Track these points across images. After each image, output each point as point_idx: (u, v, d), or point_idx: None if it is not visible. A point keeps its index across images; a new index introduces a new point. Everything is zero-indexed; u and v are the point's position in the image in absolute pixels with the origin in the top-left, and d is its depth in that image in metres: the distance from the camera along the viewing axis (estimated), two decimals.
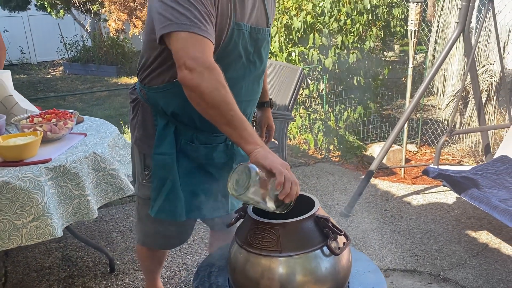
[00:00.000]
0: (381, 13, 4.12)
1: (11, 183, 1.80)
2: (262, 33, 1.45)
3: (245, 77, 1.46)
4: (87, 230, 2.94)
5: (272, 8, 1.55)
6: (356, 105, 4.33)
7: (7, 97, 2.51)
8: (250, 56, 1.42)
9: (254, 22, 1.41)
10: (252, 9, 1.40)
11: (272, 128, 1.85)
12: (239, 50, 1.37)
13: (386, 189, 3.57)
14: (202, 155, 1.53)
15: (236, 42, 1.35)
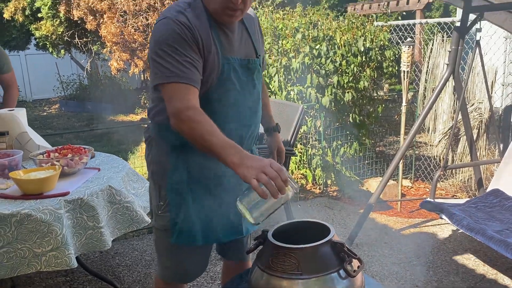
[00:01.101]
0: (374, 55, 4.35)
1: (32, 215, 1.88)
2: (252, 63, 1.62)
3: (241, 104, 1.61)
4: (93, 264, 2.97)
5: (260, 41, 1.72)
6: (352, 141, 4.48)
7: (22, 134, 2.61)
8: (243, 84, 1.59)
9: (243, 55, 1.59)
10: (239, 44, 1.59)
11: (282, 151, 1.98)
12: (232, 80, 1.55)
13: (384, 223, 3.67)
14: (212, 181, 1.63)
15: (228, 73, 1.53)
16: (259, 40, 1.71)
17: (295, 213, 3.56)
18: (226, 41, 1.54)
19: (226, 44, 1.54)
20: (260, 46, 1.71)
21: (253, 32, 1.67)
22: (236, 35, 1.59)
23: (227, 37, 1.55)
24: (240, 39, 1.60)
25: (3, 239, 1.87)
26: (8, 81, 3.29)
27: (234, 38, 1.57)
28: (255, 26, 1.70)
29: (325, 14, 5.04)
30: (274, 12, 4.97)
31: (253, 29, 1.68)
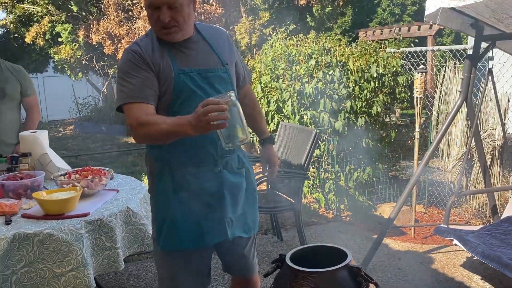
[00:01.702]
0: (387, 81, 4.40)
1: (54, 235, 1.93)
2: (212, 71, 1.78)
3: None
4: (108, 285, 3.00)
5: (229, 52, 1.87)
6: (365, 166, 4.50)
7: (43, 155, 2.69)
8: (205, 92, 1.73)
9: (202, 65, 1.77)
10: (198, 57, 1.78)
11: (273, 163, 2.08)
12: (190, 87, 1.72)
13: (398, 249, 3.65)
14: (195, 187, 1.75)
15: (185, 82, 1.71)
16: (227, 51, 1.87)
17: (308, 238, 3.57)
18: (181, 56, 1.76)
19: (181, 58, 1.75)
20: (229, 56, 1.87)
21: (218, 45, 1.85)
22: (194, 50, 1.79)
23: (182, 52, 1.76)
24: (199, 53, 1.80)
25: (25, 259, 1.92)
26: (31, 104, 3.40)
27: (191, 52, 1.78)
28: (222, 40, 1.89)
29: (338, 41, 5.13)
30: (288, 39, 5.07)
31: (219, 42, 1.87)
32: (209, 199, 1.76)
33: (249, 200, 1.90)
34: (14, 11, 8.55)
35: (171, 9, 1.66)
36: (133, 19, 6.71)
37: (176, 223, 1.75)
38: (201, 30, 1.86)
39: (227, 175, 1.79)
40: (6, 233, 1.89)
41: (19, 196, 2.27)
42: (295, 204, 3.24)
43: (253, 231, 1.94)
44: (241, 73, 1.96)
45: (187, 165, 1.75)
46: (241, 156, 1.90)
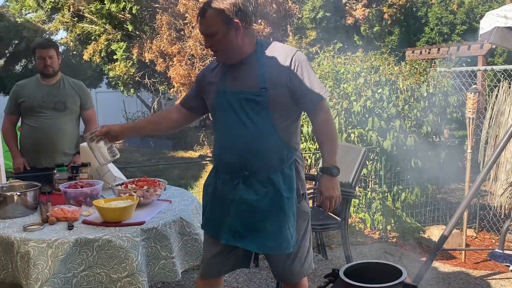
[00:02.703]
0: (437, 101, 4.33)
1: (112, 241, 2.02)
2: (244, 93, 1.91)
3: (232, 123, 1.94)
4: None
5: (283, 72, 1.90)
6: (414, 186, 4.41)
7: (101, 165, 2.82)
8: (236, 110, 1.92)
9: (239, 87, 1.92)
10: (240, 76, 1.94)
11: (325, 197, 1.97)
12: (222, 105, 1.96)
13: (448, 273, 3.53)
14: (222, 190, 2.00)
15: (221, 99, 1.96)
16: (279, 74, 1.90)
17: (354, 258, 3.52)
18: (228, 74, 1.96)
19: (227, 77, 1.96)
20: (277, 79, 1.90)
21: (271, 66, 1.91)
22: (241, 70, 1.94)
23: (230, 71, 1.96)
24: (244, 73, 1.94)
25: (85, 263, 2.02)
26: (89, 117, 3.59)
27: (237, 72, 1.95)
28: (282, 61, 1.91)
29: (386, 59, 5.11)
30: (336, 57, 5.10)
31: (275, 64, 1.91)
32: (225, 203, 1.99)
33: (272, 220, 1.91)
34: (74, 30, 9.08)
35: (210, 38, 1.89)
36: (185, 38, 6.96)
37: (208, 212, 2.07)
38: (263, 48, 1.95)
39: (241, 189, 1.93)
40: (69, 237, 2.00)
41: (79, 203, 2.40)
42: (342, 223, 3.22)
43: (272, 251, 1.97)
44: (302, 96, 1.91)
45: (221, 169, 2.03)
46: (273, 177, 1.91)
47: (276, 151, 1.92)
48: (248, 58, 1.93)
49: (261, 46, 1.95)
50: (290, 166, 1.97)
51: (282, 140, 1.92)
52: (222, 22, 1.85)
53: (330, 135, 1.98)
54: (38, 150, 3.38)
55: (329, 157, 1.96)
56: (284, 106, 1.92)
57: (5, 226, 2.17)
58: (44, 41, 3.53)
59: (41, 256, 1.94)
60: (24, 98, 3.36)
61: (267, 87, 1.88)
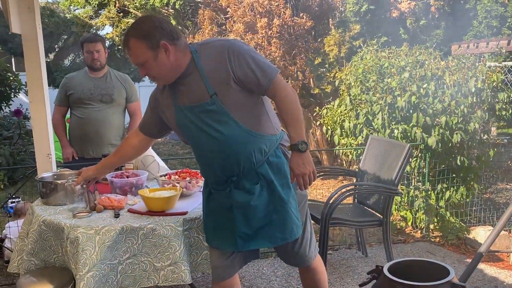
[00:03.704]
0: (485, 97, 4.16)
1: (156, 230, 2.08)
2: (198, 107, 1.87)
3: (203, 144, 1.92)
4: (195, 284, 3.13)
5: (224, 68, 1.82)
6: (459, 185, 4.26)
7: (146, 157, 2.90)
8: (198, 125, 1.89)
9: (190, 101, 1.88)
10: (186, 92, 1.89)
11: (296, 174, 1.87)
12: (185, 123, 1.92)
13: (494, 275, 3.40)
14: (217, 198, 2.01)
15: (181, 118, 1.92)
16: (221, 73, 1.83)
17: (394, 256, 3.45)
18: (178, 92, 1.93)
19: (178, 95, 1.93)
20: (222, 79, 1.83)
21: (210, 69, 1.85)
22: (186, 85, 1.90)
23: (178, 89, 1.92)
24: (190, 87, 1.89)
25: (130, 250, 2.08)
26: (134, 109, 3.69)
27: (184, 88, 1.91)
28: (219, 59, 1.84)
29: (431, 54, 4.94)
30: (380, 51, 4.99)
31: (214, 64, 1.84)
32: (225, 212, 1.97)
33: (276, 210, 1.93)
34: (119, 25, 9.31)
35: (142, 66, 1.87)
36: (226, 33, 6.99)
37: (204, 220, 2.10)
38: (199, 54, 1.87)
39: (235, 195, 1.93)
40: (115, 225, 2.07)
41: (125, 193, 2.48)
42: (384, 220, 3.16)
43: (283, 241, 1.96)
44: (252, 83, 1.85)
45: (211, 182, 2.04)
46: (260, 170, 1.91)
47: (254, 148, 1.88)
48: (188, 69, 1.88)
49: (196, 52, 1.89)
50: (275, 152, 1.94)
51: (255, 135, 1.88)
52: (148, 48, 1.81)
53: (292, 111, 1.88)
54: (86, 141, 3.51)
55: (295, 133, 1.86)
56: (241, 102, 1.86)
57: (56, 213, 2.27)
58: (91, 35, 3.65)
59: (89, 242, 2.02)
60: (73, 90, 3.49)
61: (216, 91, 1.83)
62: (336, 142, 4.81)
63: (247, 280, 3.18)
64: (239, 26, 6.41)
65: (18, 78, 8.34)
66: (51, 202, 2.40)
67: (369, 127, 4.43)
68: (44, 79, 2.91)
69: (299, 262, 2.17)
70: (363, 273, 3.35)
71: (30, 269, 2.24)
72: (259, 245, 1.98)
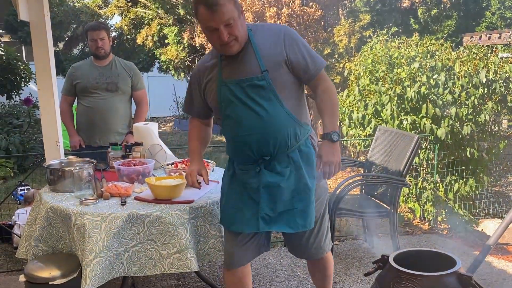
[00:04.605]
0: (497, 88, 4.10)
1: (163, 218, 2.08)
2: (246, 81, 1.90)
3: (243, 117, 1.92)
4: (202, 272, 3.14)
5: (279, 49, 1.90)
6: (468, 177, 4.22)
7: (153, 145, 2.90)
8: (242, 100, 1.90)
9: (239, 75, 1.90)
10: (237, 66, 1.91)
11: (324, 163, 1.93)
12: (229, 98, 1.92)
13: (502, 268, 3.37)
14: (242, 181, 2.01)
15: (225, 93, 1.93)
16: (275, 53, 1.90)
17: (401, 247, 3.43)
18: (227, 66, 1.94)
19: (226, 69, 1.94)
20: (275, 58, 1.90)
21: (265, 47, 1.91)
22: (238, 59, 1.91)
23: (228, 63, 1.93)
24: (242, 61, 1.91)
25: (137, 238, 2.09)
26: (140, 97, 3.69)
27: (235, 62, 1.92)
28: (275, 40, 1.91)
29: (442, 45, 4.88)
30: (389, 41, 4.93)
31: (269, 44, 1.91)
32: (250, 193, 1.98)
33: (300, 197, 1.97)
34: (128, 14, 9.32)
35: (228, 27, 1.81)
36: None
37: (225, 205, 2.07)
38: (253, 32, 1.94)
39: (265, 175, 1.95)
40: (121, 212, 2.08)
41: (132, 181, 2.48)
42: (391, 211, 3.14)
43: (303, 228, 1.99)
44: (301, 69, 1.94)
45: (238, 162, 2.03)
46: (292, 155, 1.96)
47: (291, 131, 1.94)
48: (244, 45, 1.91)
49: (251, 31, 1.94)
50: (306, 142, 2.02)
51: (293, 118, 1.94)
52: (234, 6, 1.82)
53: (332, 101, 1.99)
54: (93, 129, 3.52)
55: (330, 123, 1.96)
56: (287, 84, 1.94)
57: (63, 199, 2.28)
58: (95, 23, 3.65)
59: (95, 229, 2.03)
60: (79, 79, 3.50)
61: (268, 69, 1.89)
62: (344, 133, 4.79)
63: (253, 269, 3.19)
64: (248, 15, 6.37)
65: (28, 67, 8.39)
66: (59, 189, 2.41)
67: (377, 118, 4.39)
68: (52, 67, 2.91)
69: (313, 254, 2.17)
70: (369, 264, 3.34)
71: (37, 255, 2.26)
72: (280, 229, 1.99)
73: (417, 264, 1.43)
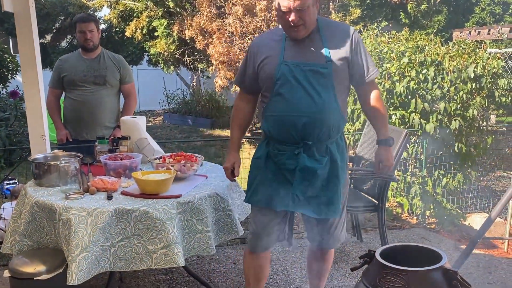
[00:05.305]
0: (485, 83, 4.12)
1: (149, 213, 2.06)
2: (309, 66, 1.98)
3: (295, 97, 1.98)
4: (190, 267, 3.13)
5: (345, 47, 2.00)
6: (456, 172, 4.25)
7: (141, 139, 2.87)
8: (301, 82, 1.97)
9: (303, 59, 1.98)
10: (304, 50, 2.00)
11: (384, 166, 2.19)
12: (287, 77, 1.98)
13: (489, 262, 3.41)
14: (279, 161, 2.04)
15: (284, 72, 1.99)
16: (341, 49, 2.00)
17: (390, 242, 3.45)
18: (291, 48, 2.01)
19: (290, 50, 2.00)
20: (341, 54, 1.99)
21: (332, 41, 2.00)
22: (304, 44, 2.00)
23: (293, 45, 2.01)
24: (308, 47, 2.00)
25: (123, 233, 2.07)
26: (129, 91, 3.65)
27: (301, 46, 2.00)
28: (342, 37, 2.02)
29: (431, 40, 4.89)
30: (379, 35, 4.93)
31: (336, 39, 2.01)
32: (286, 173, 2.03)
33: (329, 187, 2.05)
34: (117, 6, 9.21)
35: (302, 11, 1.89)
36: (225, 15, 6.91)
37: (259, 184, 2.09)
38: (322, 25, 2.04)
39: (304, 159, 2.00)
40: (108, 207, 2.06)
41: (119, 175, 2.45)
42: (379, 206, 3.15)
43: (326, 215, 2.07)
44: (358, 72, 2.06)
45: (278, 141, 2.05)
46: (330, 147, 2.05)
47: (336, 122, 2.02)
48: (312, 32, 2.00)
49: (321, 21, 2.04)
50: (341, 136, 2.13)
51: (340, 112, 2.03)
52: None
53: (383, 110, 2.17)
54: (80, 123, 3.48)
55: (385, 130, 2.17)
56: (343, 80, 2.04)
57: (49, 194, 2.25)
58: (84, 15, 3.59)
59: (81, 223, 2.01)
60: (66, 72, 3.45)
61: (332, 60, 1.98)
62: None
63: (241, 263, 3.19)
64: (238, 8, 6.33)
65: (15, 59, 8.26)
66: (44, 183, 2.38)
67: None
68: (37, 59, 2.86)
69: (330, 243, 2.23)
70: (358, 258, 3.36)
71: (23, 250, 2.23)
72: (307, 212, 2.06)
73: (403, 259, 1.43)
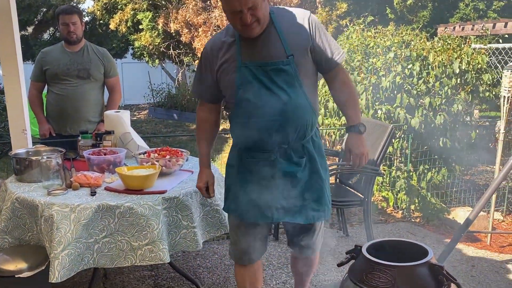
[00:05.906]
0: (470, 78, 4.16)
1: (134, 209, 2.03)
2: (271, 65, 1.82)
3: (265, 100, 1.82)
4: (175, 262, 3.10)
5: (303, 34, 1.85)
6: (440, 166, 4.29)
7: (125, 134, 2.83)
8: (265, 84, 1.82)
9: (262, 58, 1.82)
10: (260, 48, 1.83)
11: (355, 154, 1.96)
12: (249, 80, 1.82)
13: (472, 255, 3.45)
14: (254, 169, 1.91)
15: (245, 75, 1.83)
16: (300, 38, 1.84)
17: (375, 236, 3.47)
18: (247, 48, 1.84)
19: (247, 51, 1.84)
20: (300, 43, 1.84)
21: (289, 32, 1.84)
22: (260, 41, 1.83)
23: (249, 44, 1.83)
24: (265, 44, 1.83)
25: (107, 229, 2.04)
26: (113, 85, 3.59)
27: (257, 44, 1.83)
28: (299, 24, 1.85)
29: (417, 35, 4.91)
30: (366, 30, 4.94)
31: (292, 28, 1.85)
32: (264, 182, 1.90)
33: (313, 188, 1.93)
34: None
35: (251, 9, 1.72)
36: (210, 9, 6.85)
37: (236, 195, 1.97)
38: (276, 16, 1.86)
39: (281, 164, 1.88)
40: (91, 203, 2.02)
41: (102, 170, 2.41)
42: (365, 200, 3.17)
43: (314, 220, 1.96)
44: (323, 57, 1.89)
45: (250, 149, 1.91)
46: (307, 145, 1.92)
47: (310, 120, 1.89)
48: (267, 27, 1.84)
49: (273, 13, 1.87)
50: (316, 133, 1.99)
51: (312, 107, 1.89)
52: None
53: (353, 94, 1.98)
54: (63, 117, 3.41)
55: (355, 115, 1.96)
56: (309, 72, 1.90)
57: (30, 190, 2.20)
58: (67, 7, 3.51)
59: (64, 220, 1.97)
60: (49, 65, 3.38)
61: (293, 53, 1.82)
62: (319, 122, 4.80)
63: (227, 259, 3.17)
64: None
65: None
66: (26, 179, 2.33)
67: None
68: (18, 51, 2.80)
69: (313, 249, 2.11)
70: (344, 253, 3.37)
71: (3, 247, 2.18)
72: (294, 220, 1.94)
73: (390, 254, 1.43)
